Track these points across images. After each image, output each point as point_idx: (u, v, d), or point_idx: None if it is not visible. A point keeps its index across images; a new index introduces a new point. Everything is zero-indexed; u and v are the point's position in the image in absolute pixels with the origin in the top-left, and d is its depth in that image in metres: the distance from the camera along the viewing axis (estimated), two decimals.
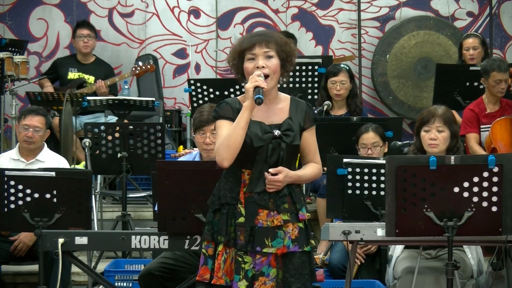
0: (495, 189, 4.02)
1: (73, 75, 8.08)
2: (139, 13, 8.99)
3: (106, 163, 6.33)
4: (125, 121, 6.83)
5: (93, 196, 6.04)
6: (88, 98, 6.87)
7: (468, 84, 6.93)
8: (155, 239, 4.48)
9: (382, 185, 4.94)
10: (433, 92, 7.16)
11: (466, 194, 4.02)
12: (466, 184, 4.02)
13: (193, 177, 4.31)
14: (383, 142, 5.84)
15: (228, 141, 3.67)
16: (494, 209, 4.03)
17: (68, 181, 4.67)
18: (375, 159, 5.21)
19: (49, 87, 8.03)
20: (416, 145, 4.97)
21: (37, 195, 4.64)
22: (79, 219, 4.66)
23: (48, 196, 4.64)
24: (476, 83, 6.83)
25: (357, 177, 5.06)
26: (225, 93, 6.73)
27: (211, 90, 6.84)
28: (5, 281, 6.18)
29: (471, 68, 6.97)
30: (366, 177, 5.05)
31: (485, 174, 4.01)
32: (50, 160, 5.88)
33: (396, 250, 5.01)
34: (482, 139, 6.64)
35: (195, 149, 5.61)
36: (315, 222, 6.56)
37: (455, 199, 4.02)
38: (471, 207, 4.03)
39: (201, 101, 6.81)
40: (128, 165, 6.26)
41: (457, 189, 4.02)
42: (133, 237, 4.51)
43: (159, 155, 6.20)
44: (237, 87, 6.68)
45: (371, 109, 8.86)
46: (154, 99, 6.99)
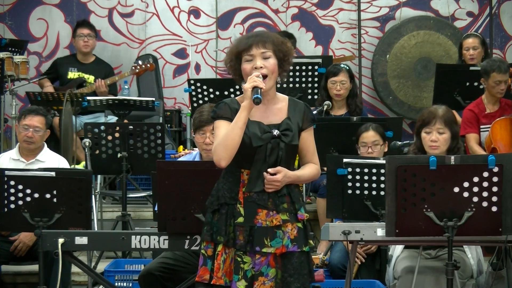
0: (495, 189, 4.02)
1: (73, 75, 8.07)
2: (139, 13, 8.99)
3: (106, 163, 6.33)
4: (125, 121, 6.83)
5: (93, 196, 6.04)
6: (88, 98, 6.87)
7: (468, 84, 6.92)
8: (155, 239, 4.47)
9: (382, 185, 4.94)
10: (433, 92, 7.16)
11: (466, 194, 4.02)
12: (466, 184, 4.02)
13: (193, 177, 4.31)
14: (383, 141, 5.84)
15: (225, 141, 3.67)
16: (494, 209, 4.03)
17: (68, 181, 4.67)
18: (375, 159, 5.21)
19: (49, 87, 8.02)
20: (416, 145, 4.97)
21: (37, 195, 4.64)
22: (79, 219, 4.66)
23: (48, 196, 4.64)
24: (476, 83, 6.83)
25: (357, 177, 5.07)
26: (225, 93, 6.73)
27: (211, 90, 6.84)
28: (5, 281, 6.18)
29: (471, 68, 6.96)
30: (366, 177, 5.05)
31: (485, 174, 4.01)
32: (50, 160, 5.88)
33: (396, 250, 5.00)
34: (482, 139, 6.64)
35: (195, 149, 5.60)
36: (315, 222, 6.56)
37: (455, 199, 4.02)
38: (471, 207, 4.03)
39: (201, 101, 6.81)
40: (128, 165, 6.26)
41: (457, 189, 4.02)
42: (133, 237, 4.50)
43: (159, 155, 6.20)
44: (237, 87, 6.67)
45: (371, 109, 8.86)
46: (154, 99, 6.99)
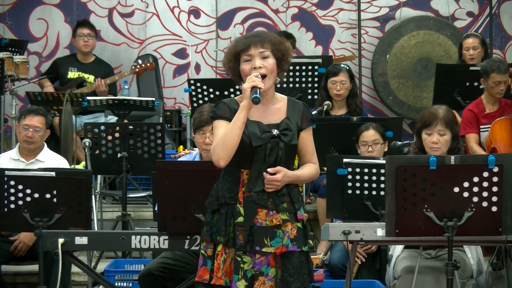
0: (495, 189, 4.02)
1: (73, 75, 8.07)
2: (139, 13, 8.99)
3: (106, 163, 6.33)
4: (125, 121, 6.83)
5: (93, 196, 6.04)
6: (88, 98, 6.87)
7: (468, 84, 6.92)
8: (155, 239, 4.47)
9: (382, 185, 4.94)
10: (433, 92, 7.16)
11: (466, 194, 4.02)
12: (466, 184, 4.02)
13: (193, 177, 4.31)
14: (384, 140, 5.84)
15: (224, 140, 3.67)
16: (494, 209, 4.03)
17: (68, 181, 4.67)
18: (375, 159, 5.21)
19: (49, 87, 8.02)
20: (417, 145, 4.96)
21: (37, 195, 4.64)
22: (79, 219, 4.66)
23: (48, 196, 4.64)
24: (476, 83, 6.83)
25: (357, 177, 5.06)
26: (225, 93, 6.72)
27: (211, 90, 6.84)
28: (5, 281, 6.18)
29: (471, 68, 6.96)
30: (366, 177, 5.05)
31: (485, 174, 4.01)
32: (50, 160, 5.88)
33: (396, 249, 5.00)
34: (481, 139, 6.64)
35: (195, 149, 5.60)
36: (315, 222, 6.56)
37: (455, 199, 4.02)
38: (471, 207, 4.03)
39: (201, 101, 6.81)
40: (128, 165, 6.26)
41: (457, 189, 4.02)
42: (133, 237, 4.50)
43: (159, 155, 6.20)
44: (237, 87, 6.59)
45: (371, 109, 8.86)
46: (154, 99, 6.99)
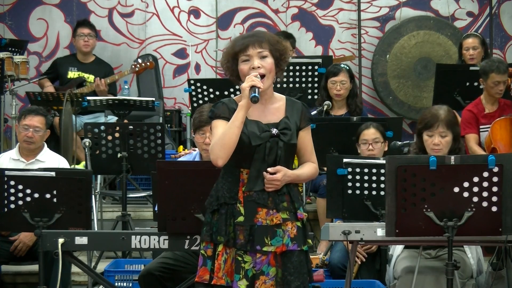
0: (495, 189, 4.02)
1: (73, 74, 8.07)
2: (139, 13, 8.99)
3: (106, 163, 6.33)
4: (125, 121, 6.83)
5: (93, 196, 6.04)
6: (88, 98, 6.87)
7: (468, 84, 6.92)
8: (155, 239, 4.47)
9: (382, 185, 4.94)
10: (433, 92, 7.16)
11: (466, 194, 4.02)
12: (466, 184, 4.02)
13: (193, 177, 4.31)
14: (384, 139, 5.84)
15: (222, 140, 3.67)
16: (494, 209, 4.03)
17: (68, 181, 4.67)
18: (375, 159, 5.21)
19: (49, 87, 8.02)
20: (417, 145, 4.95)
21: (37, 195, 4.64)
22: (79, 219, 4.66)
23: (48, 196, 4.64)
24: (476, 83, 6.82)
25: (357, 177, 5.06)
26: (225, 93, 6.72)
27: (211, 90, 6.84)
28: (5, 281, 6.18)
29: (471, 68, 6.96)
30: (366, 177, 5.05)
31: (485, 174, 4.01)
32: (50, 160, 5.88)
33: (396, 249, 5.00)
34: (481, 139, 6.64)
35: (195, 149, 5.60)
36: (315, 222, 6.56)
37: (455, 199, 4.02)
38: (471, 207, 4.02)
39: (201, 101, 6.81)
40: (128, 165, 6.26)
41: (457, 189, 4.02)
42: (133, 237, 4.50)
43: (159, 155, 6.20)
44: (237, 87, 6.60)
45: (371, 109, 8.86)
46: (154, 99, 6.99)
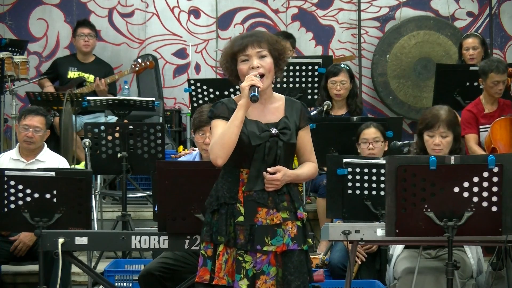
0: (495, 189, 4.01)
1: (73, 74, 8.07)
2: (139, 13, 8.99)
3: (106, 163, 6.33)
4: (125, 121, 6.83)
5: (93, 196, 6.04)
6: (88, 98, 6.87)
7: (468, 84, 6.92)
8: (155, 239, 4.47)
9: (382, 185, 4.94)
10: (433, 92, 7.16)
11: (466, 194, 4.02)
12: (466, 184, 4.01)
13: (193, 177, 4.31)
14: (384, 139, 5.84)
15: (222, 139, 3.67)
16: (494, 209, 4.03)
17: (68, 181, 4.67)
18: (375, 159, 5.21)
19: (49, 87, 8.02)
20: (418, 145, 4.94)
21: (37, 195, 4.64)
22: (79, 219, 4.66)
23: (48, 196, 4.64)
24: (476, 83, 6.82)
25: (357, 177, 5.06)
26: (225, 93, 6.72)
27: (211, 90, 6.84)
28: (5, 281, 6.18)
29: (471, 68, 6.96)
30: (366, 177, 5.05)
31: (485, 174, 4.01)
32: (50, 160, 5.87)
33: (396, 249, 5.00)
34: (481, 139, 6.64)
35: (195, 149, 5.60)
36: (315, 222, 6.56)
37: (455, 199, 4.02)
38: (471, 207, 4.02)
39: (201, 101, 6.81)
40: (128, 165, 6.26)
41: (457, 189, 4.02)
42: (133, 237, 4.50)
43: (159, 155, 6.20)
44: (237, 87, 6.60)
45: (371, 109, 8.86)
46: (154, 99, 6.99)
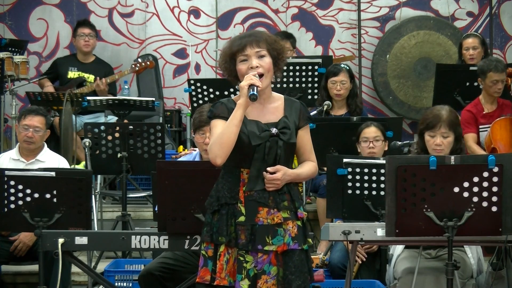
0: (495, 189, 4.01)
1: (73, 74, 8.07)
2: (139, 13, 8.99)
3: (106, 163, 6.33)
4: (125, 121, 6.83)
5: (93, 196, 6.04)
6: (88, 98, 6.86)
7: (468, 84, 6.92)
8: (155, 239, 4.47)
9: (382, 185, 4.94)
10: (433, 92, 7.16)
11: (466, 194, 4.02)
12: (466, 184, 4.01)
13: (193, 177, 4.31)
14: (384, 138, 5.84)
15: (221, 138, 3.68)
16: (494, 209, 4.03)
17: (68, 181, 4.67)
18: (375, 159, 5.21)
19: (49, 87, 8.02)
20: (419, 145, 4.94)
21: (37, 195, 4.64)
22: (79, 219, 4.66)
23: (48, 196, 4.64)
24: (476, 83, 6.82)
25: (357, 177, 5.06)
26: (225, 93, 6.72)
27: (211, 90, 6.84)
28: (5, 281, 6.18)
29: (471, 68, 6.96)
30: (366, 177, 5.05)
31: (485, 174, 4.01)
32: (50, 160, 5.87)
33: (396, 249, 5.00)
34: (481, 139, 6.64)
35: (195, 149, 5.60)
36: (315, 222, 6.56)
37: (455, 199, 4.02)
38: (471, 207, 4.02)
39: (201, 101, 6.81)
40: (128, 165, 6.26)
41: (457, 189, 4.02)
42: (133, 237, 4.50)
43: (159, 155, 6.20)
44: (237, 87, 6.63)
45: (371, 109, 8.86)
46: (154, 99, 6.99)
